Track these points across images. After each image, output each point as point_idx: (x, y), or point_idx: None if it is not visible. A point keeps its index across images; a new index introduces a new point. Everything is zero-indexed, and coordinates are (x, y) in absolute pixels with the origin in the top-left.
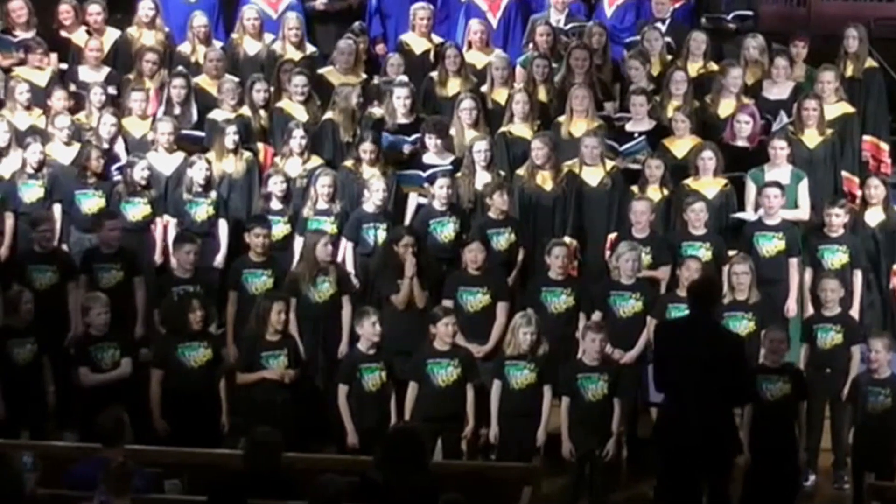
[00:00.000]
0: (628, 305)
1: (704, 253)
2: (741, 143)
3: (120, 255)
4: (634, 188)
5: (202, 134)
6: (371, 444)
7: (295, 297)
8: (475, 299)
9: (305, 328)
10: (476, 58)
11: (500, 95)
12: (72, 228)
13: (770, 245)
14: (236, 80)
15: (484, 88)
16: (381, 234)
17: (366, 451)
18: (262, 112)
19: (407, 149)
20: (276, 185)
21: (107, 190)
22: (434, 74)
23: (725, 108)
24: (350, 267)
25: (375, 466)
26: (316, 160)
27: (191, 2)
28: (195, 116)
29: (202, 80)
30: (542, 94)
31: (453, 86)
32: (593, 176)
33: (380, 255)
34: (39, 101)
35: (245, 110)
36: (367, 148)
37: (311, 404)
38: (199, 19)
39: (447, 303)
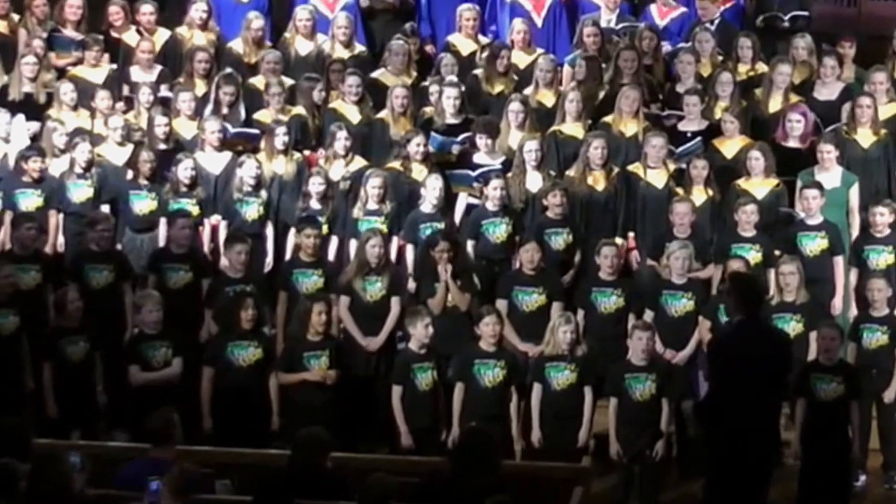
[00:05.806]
0: (680, 304)
1: (754, 255)
2: (793, 143)
3: (189, 256)
4: (679, 189)
5: (257, 131)
6: (424, 444)
7: (349, 295)
8: (531, 299)
9: (358, 327)
10: (518, 57)
11: (545, 97)
12: (125, 229)
13: (813, 244)
14: (285, 80)
15: (528, 90)
16: None
17: (420, 452)
18: (317, 112)
19: (455, 149)
20: (314, 186)
21: (159, 191)
22: (479, 72)
23: (774, 105)
24: (411, 269)
25: (450, 466)
26: (359, 162)
27: (243, 2)
28: (243, 118)
29: (258, 82)
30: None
31: (498, 84)
32: (659, 178)
33: (419, 259)
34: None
35: (300, 110)
36: (419, 141)
37: (360, 405)
38: (257, 22)
39: (501, 303)
